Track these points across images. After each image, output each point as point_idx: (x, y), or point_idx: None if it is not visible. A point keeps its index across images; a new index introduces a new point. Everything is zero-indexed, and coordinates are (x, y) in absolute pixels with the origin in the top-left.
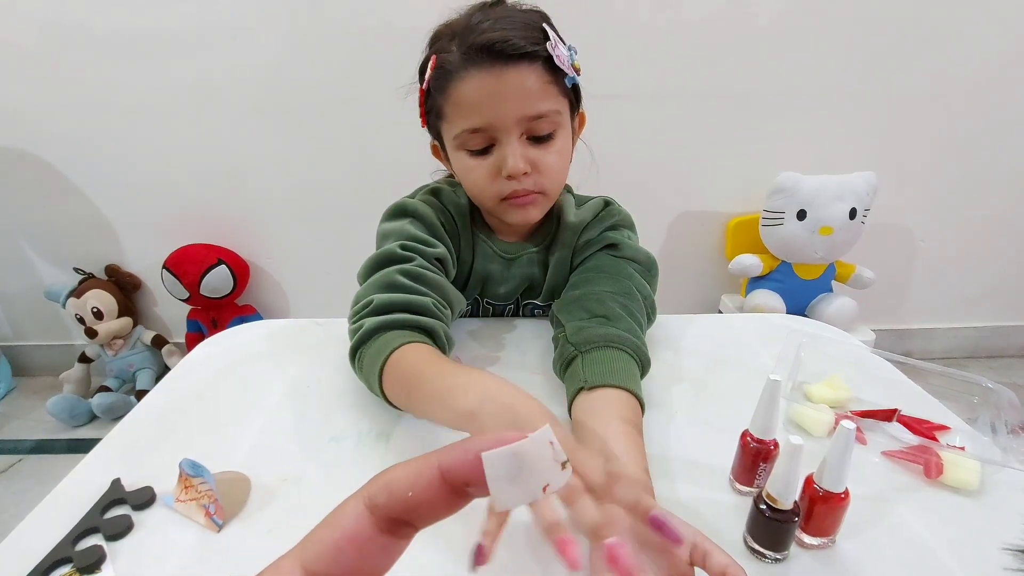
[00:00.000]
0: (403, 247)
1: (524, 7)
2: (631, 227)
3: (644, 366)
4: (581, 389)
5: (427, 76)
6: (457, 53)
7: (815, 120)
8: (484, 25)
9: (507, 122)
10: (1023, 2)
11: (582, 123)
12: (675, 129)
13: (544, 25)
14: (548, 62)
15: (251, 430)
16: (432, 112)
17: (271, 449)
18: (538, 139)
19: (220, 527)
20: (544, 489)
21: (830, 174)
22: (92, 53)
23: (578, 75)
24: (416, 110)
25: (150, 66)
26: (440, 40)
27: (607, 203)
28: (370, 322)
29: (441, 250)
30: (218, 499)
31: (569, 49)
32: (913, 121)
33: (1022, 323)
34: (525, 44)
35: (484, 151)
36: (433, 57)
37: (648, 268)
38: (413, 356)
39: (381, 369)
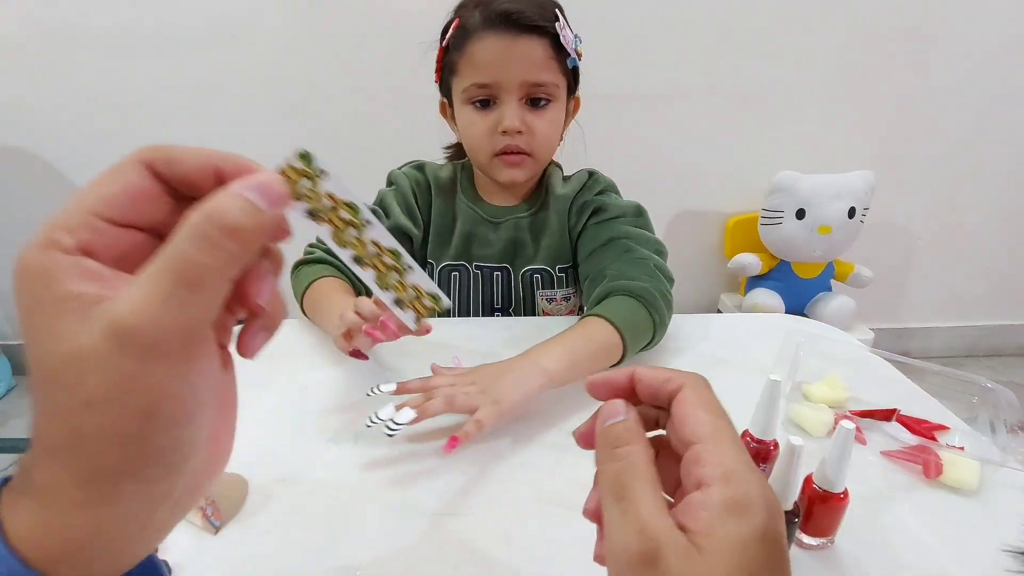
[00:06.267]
0: None
1: None
2: (615, 190)
3: (647, 302)
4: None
5: (448, 36)
6: (479, 16)
7: (814, 119)
8: None
9: (511, 84)
10: (1022, 2)
11: (576, 107)
12: (674, 128)
13: (556, 10)
14: (555, 39)
15: (248, 431)
16: (447, 68)
17: (269, 450)
18: (535, 105)
19: (217, 529)
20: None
21: (829, 173)
22: (91, 51)
23: (579, 59)
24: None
25: (150, 65)
26: (466, 7)
27: (591, 173)
28: (298, 261)
29: (401, 222)
30: (215, 501)
31: (575, 36)
32: (911, 121)
33: (1020, 322)
34: (538, 19)
35: (485, 106)
36: (456, 19)
37: (638, 214)
38: (321, 287)
39: (302, 295)
